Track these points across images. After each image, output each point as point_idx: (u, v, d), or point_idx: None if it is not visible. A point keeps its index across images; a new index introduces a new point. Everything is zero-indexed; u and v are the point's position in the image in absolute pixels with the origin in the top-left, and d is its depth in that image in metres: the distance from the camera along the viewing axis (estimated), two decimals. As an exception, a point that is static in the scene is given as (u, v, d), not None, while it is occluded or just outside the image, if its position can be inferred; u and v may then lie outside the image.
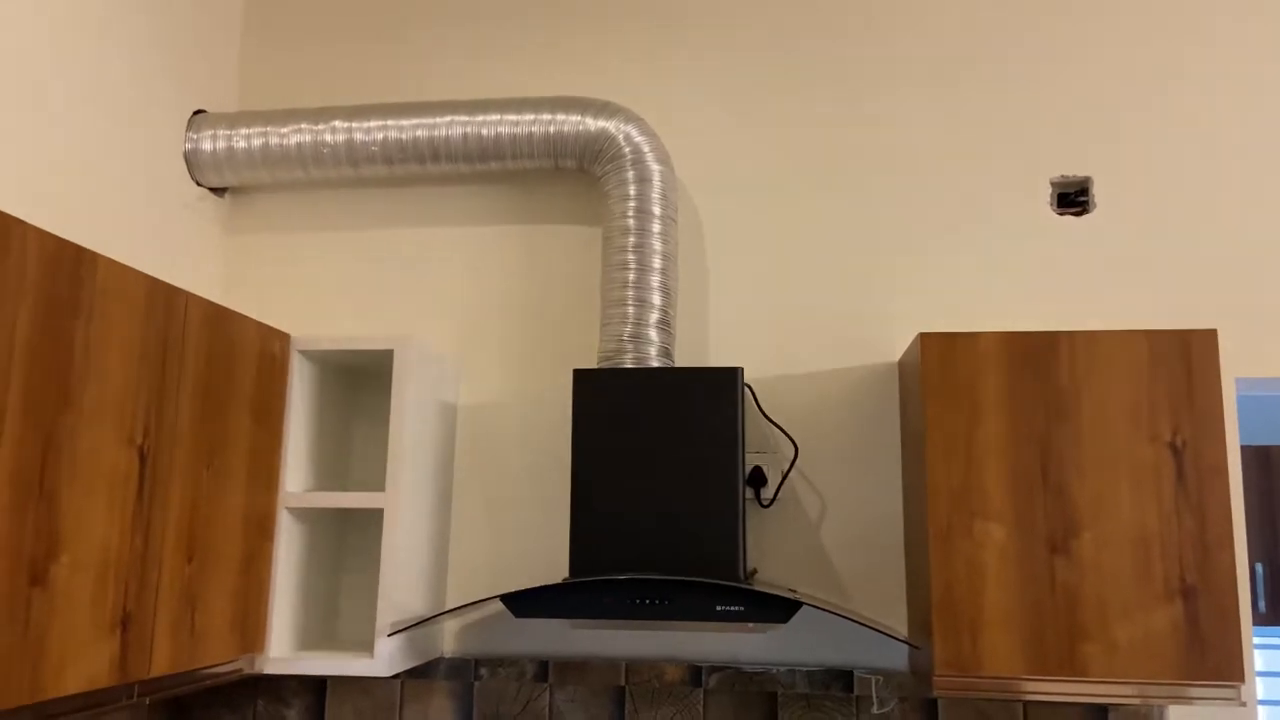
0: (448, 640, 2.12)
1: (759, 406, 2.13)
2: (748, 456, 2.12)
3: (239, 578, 1.73)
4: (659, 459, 1.84)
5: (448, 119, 2.15)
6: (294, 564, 1.92)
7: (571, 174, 2.29)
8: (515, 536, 2.15)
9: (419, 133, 2.15)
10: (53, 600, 1.25)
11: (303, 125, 2.18)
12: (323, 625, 2.06)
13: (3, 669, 1.17)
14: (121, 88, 1.96)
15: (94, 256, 1.33)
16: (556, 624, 2.11)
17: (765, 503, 2.09)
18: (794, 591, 1.97)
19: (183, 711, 2.09)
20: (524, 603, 1.73)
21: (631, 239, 2.06)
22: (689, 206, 2.25)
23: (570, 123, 2.12)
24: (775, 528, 2.09)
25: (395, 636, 1.84)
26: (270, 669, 1.82)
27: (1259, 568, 3.31)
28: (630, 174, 2.08)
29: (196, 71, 2.23)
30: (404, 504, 1.85)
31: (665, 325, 2.05)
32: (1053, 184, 2.15)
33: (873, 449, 2.09)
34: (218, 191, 2.31)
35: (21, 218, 1.67)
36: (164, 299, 1.50)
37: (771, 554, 2.09)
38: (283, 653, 1.86)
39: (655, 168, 2.09)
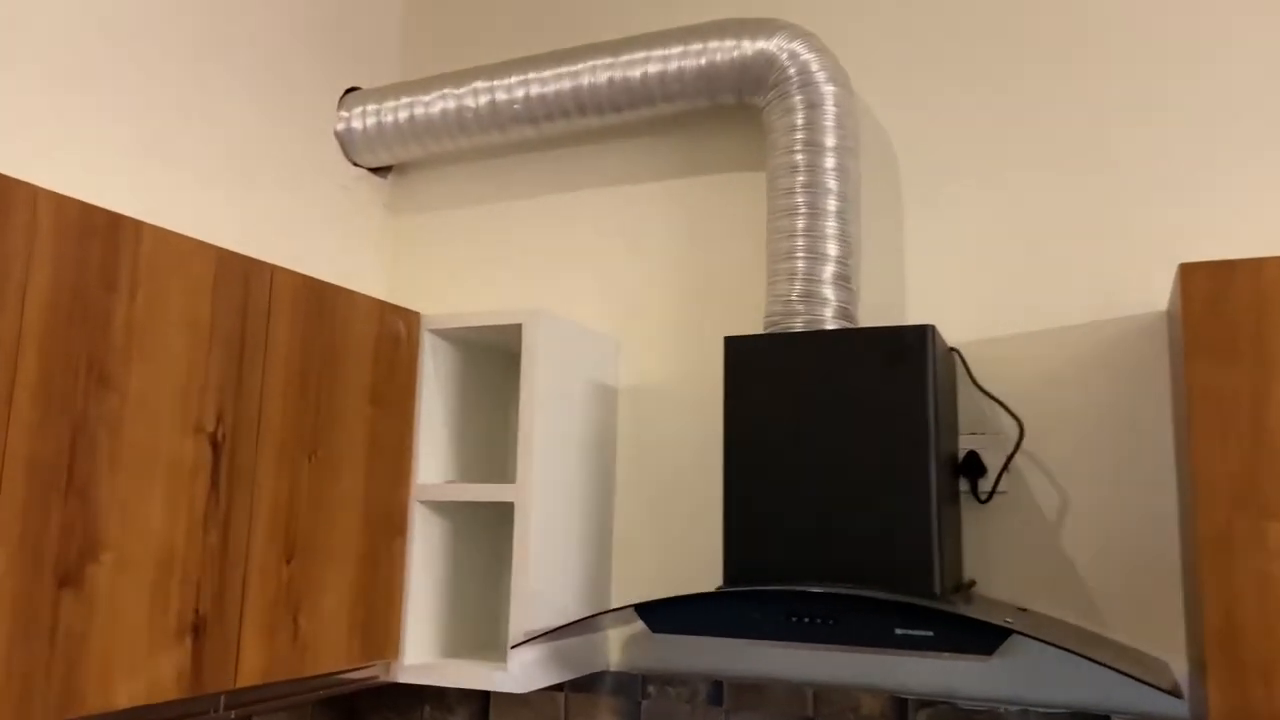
0: (613, 651, 1.87)
1: (971, 376, 1.69)
2: (961, 439, 1.69)
3: (361, 578, 1.58)
4: (829, 442, 1.49)
5: (589, 64, 1.90)
6: (434, 563, 1.75)
7: (731, 111, 1.97)
8: (685, 534, 1.86)
9: (562, 84, 1.92)
10: (91, 603, 1.14)
11: (446, 90, 2.02)
12: (481, 630, 1.89)
13: (22, 681, 1.06)
14: (275, 69, 1.90)
15: (137, 224, 1.22)
16: (734, 640, 1.80)
17: (983, 496, 1.66)
18: (1024, 611, 1.53)
19: (355, 715, 2.00)
20: (660, 616, 1.44)
21: (800, 178, 1.70)
22: (875, 134, 1.86)
23: (724, 49, 1.80)
24: (1001, 529, 1.65)
25: (538, 647, 1.62)
26: (405, 678, 1.66)
27: None
28: (797, 99, 1.73)
29: (352, 45, 2.14)
30: (538, 497, 1.62)
31: (844, 280, 1.68)
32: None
33: (1132, 427, 1.60)
34: (380, 172, 2.22)
35: (189, 233, 1.63)
36: (240, 272, 1.37)
37: (997, 562, 1.65)
38: (420, 659, 1.70)
39: (828, 89, 1.72)
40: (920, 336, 1.47)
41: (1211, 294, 1.27)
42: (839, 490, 1.47)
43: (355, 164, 2.14)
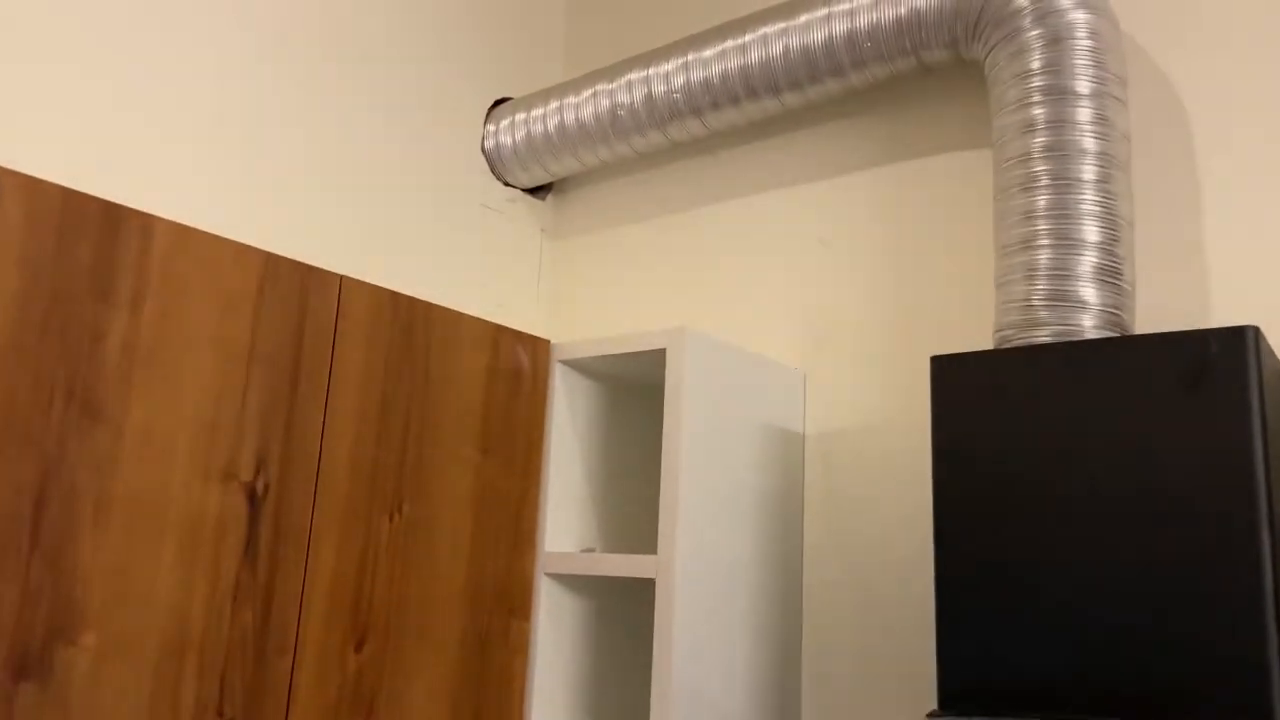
0: (804, 778, 1.43)
1: (1322, 406, 1.13)
2: (1309, 501, 1.13)
3: (465, 669, 1.26)
4: (1094, 505, 1.01)
5: (759, 33, 1.54)
6: (565, 650, 1.40)
7: (945, 71, 1.53)
8: (898, 630, 1.40)
9: (728, 63, 1.57)
10: (63, 701, 0.88)
11: (598, 87, 1.73)
12: (633, 737, 1.51)
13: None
14: (420, 78, 1.70)
15: (145, 219, 0.98)
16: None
17: (1353, 590, 1.08)
18: None
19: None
20: (840, 751, 1.01)
21: (1039, 139, 1.24)
22: (1152, 78, 1.35)
23: (929, -12, 1.38)
24: (1383, 640, 1.07)
25: (687, 773, 1.22)
26: (527, 798, 1.31)
27: None
28: (1032, 35, 1.28)
29: (511, 51, 1.91)
30: (683, 570, 1.24)
31: (1114, 275, 1.19)
32: None
33: None
34: (537, 193, 1.96)
35: (352, 274, 1.44)
36: (295, 282, 1.11)
37: (1378, 692, 1.06)
38: (545, 776, 1.34)
39: (1078, 17, 1.26)
40: (1237, 344, 0.97)
41: None
42: (1111, 580, 0.98)
43: (507, 184, 1.89)
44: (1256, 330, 0.97)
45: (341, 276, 1.16)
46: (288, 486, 1.08)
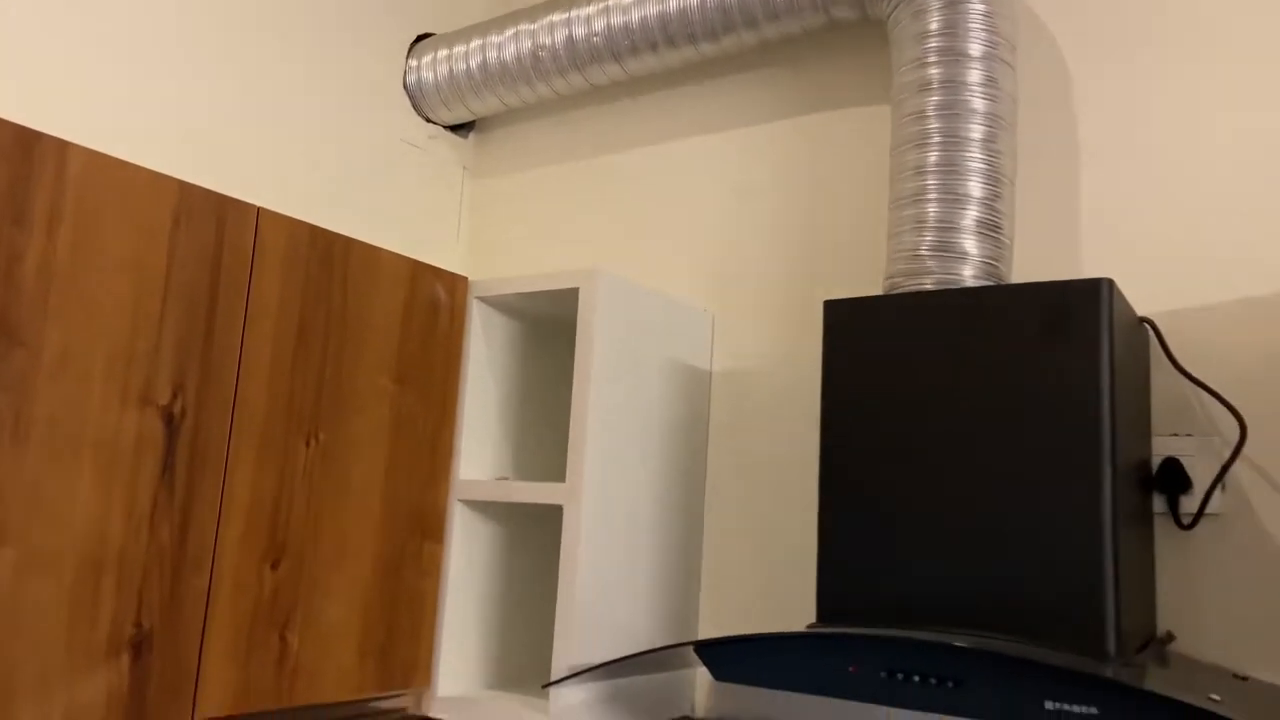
0: (700, 695, 1.53)
1: (1170, 357, 1.25)
2: (1155, 442, 1.25)
3: (379, 589, 1.32)
4: (963, 440, 1.10)
5: (678, -20, 1.58)
6: (478, 574, 1.48)
7: (851, 29, 1.60)
8: (794, 551, 1.50)
9: (647, 9, 1.61)
10: (-20, 609, 0.92)
11: (520, 27, 1.75)
12: (539, 658, 1.60)
13: None
14: (348, 15, 1.69)
15: (60, 145, 1.00)
16: (847, 686, 1.42)
17: (1186, 520, 1.21)
18: (1243, 680, 1.09)
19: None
20: (723, 660, 1.10)
21: (933, 98, 1.32)
22: (1039, 39, 1.44)
23: (839, -55, 1.44)
24: (1212, 563, 1.20)
25: (588, 685, 1.31)
26: (437, 712, 1.39)
27: None
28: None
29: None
30: (591, 499, 1.31)
31: (994, 229, 1.28)
32: None
33: None
34: (459, 130, 1.98)
35: (267, 205, 1.44)
36: (211, 211, 1.13)
37: (1205, 610, 1.20)
38: (456, 691, 1.42)
39: (971, -17, 1.33)
40: (1091, 295, 1.07)
41: None
42: (974, 506, 1.08)
43: (429, 120, 1.90)
44: (1111, 283, 1.07)
45: (259, 208, 1.18)
46: (205, 411, 1.12)
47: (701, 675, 1.53)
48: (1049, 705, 0.92)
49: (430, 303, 1.42)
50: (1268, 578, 1.17)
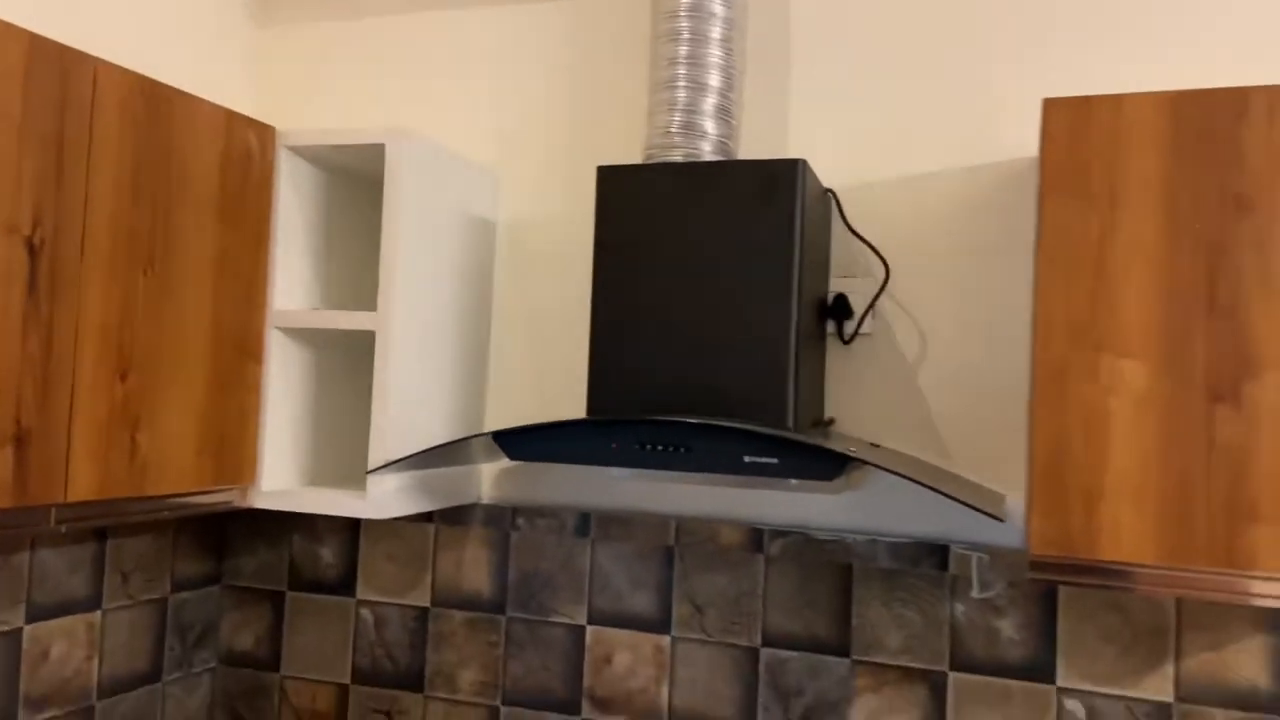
0: (485, 485, 1.88)
1: (844, 218, 1.68)
2: (832, 282, 1.69)
3: (210, 400, 1.53)
4: (697, 277, 1.47)
5: None
6: (295, 390, 1.71)
7: (622, -70, 1.86)
8: (564, 370, 1.85)
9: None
10: None
11: (311, -112, 1.85)
12: (348, 462, 1.87)
13: None
14: None
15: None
16: (601, 474, 1.82)
17: (848, 339, 1.67)
18: (876, 446, 1.57)
19: (224, 544, 1.99)
20: (517, 443, 1.44)
21: (684, 2, 1.62)
22: (769, -36, 1.77)
23: None
24: (863, 370, 1.67)
25: (403, 476, 1.61)
26: (262, 503, 1.64)
27: None
28: (683, -83, 1.63)
29: None
30: (401, 326, 1.58)
31: (725, 114, 1.63)
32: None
33: (997, 272, 1.61)
34: (243, -19, 2.05)
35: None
36: (56, 63, 1.25)
37: (856, 402, 1.68)
38: (278, 486, 1.67)
39: (716, -93, 1.63)
40: (790, 171, 1.44)
41: (1070, 130, 1.26)
42: (704, 325, 1.46)
43: (214, -32, 1.96)
44: (804, 162, 1.45)
45: (96, 61, 1.30)
46: (60, 242, 1.27)
47: (486, 469, 1.87)
48: (747, 459, 1.33)
49: (244, 149, 1.58)
50: (900, 379, 1.65)
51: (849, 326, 1.67)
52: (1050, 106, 1.27)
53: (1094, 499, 1.23)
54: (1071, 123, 1.26)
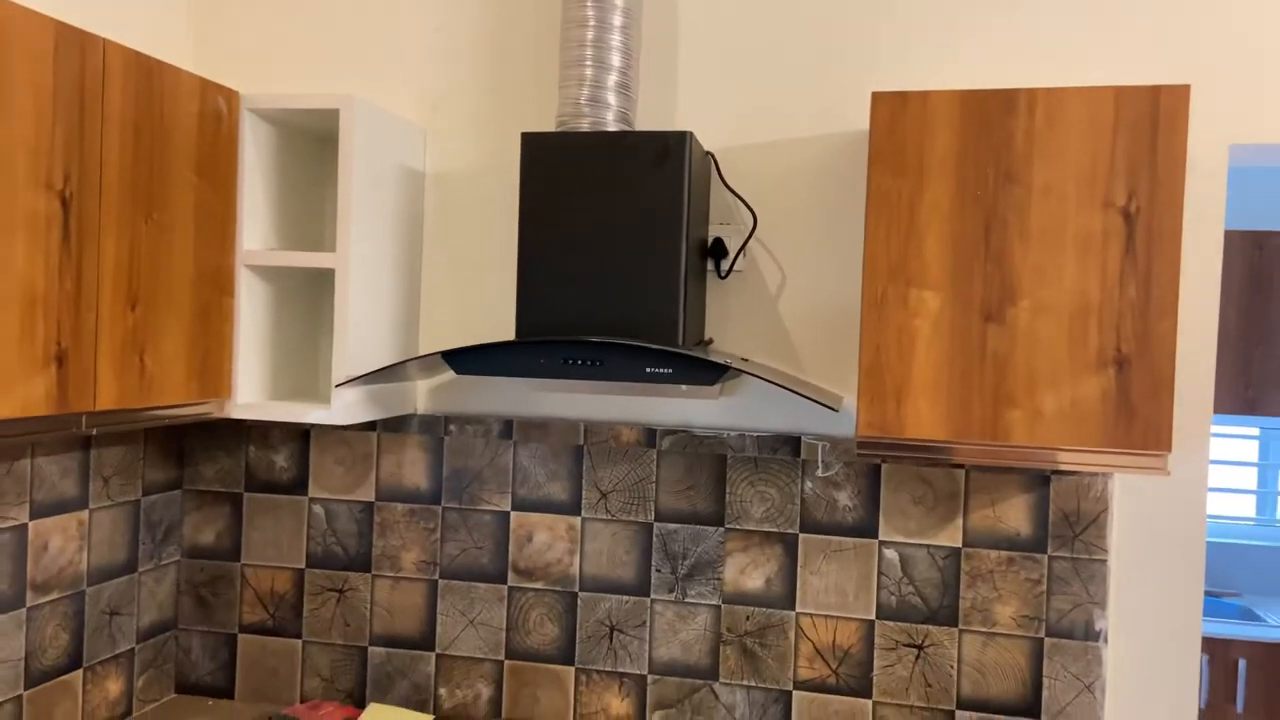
0: (420, 398, 2.21)
1: (721, 176, 2.07)
2: (711, 228, 2.08)
3: (195, 328, 1.81)
4: (604, 224, 1.83)
5: None
6: (260, 320, 2.00)
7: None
8: (482, 299, 2.18)
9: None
10: None
11: None
12: (303, 381, 2.17)
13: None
14: None
15: (-17, -6, 1.33)
16: (521, 386, 2.18)
17: (723, 274, 2.07)
18: (745, 360, 1.98)
19: (185, 452, 2.26)
20: (465, 360, 1.78)
21: (590, -8, 1.95)
22: (660, -41, 2.11)
23: None
24: (735, 300, 2.08)
25: (358, 390, 1.93)
26: (237, 414, 1.93)
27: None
28: (590, -81, 1.95)
29: None
30: (356, 265, 1.88)
31: (625, 89, 1.98)
32: (1058, -71, 1.95)
33: (839, 222, 2.03)
34: (182, -54, 2.25)
35: None
36: (75, 43, 1.49)
37: (730, 326, 2.09)
38: (249, 400, 1.97)
39: (617, -88, 1.95)
40: (680, 141, 1.81)
41: (890, 117, 1.67)
42: (611, 265, 1.83)
43: (159, -65, 2.16)
44: (691, 134, 1.82)
45: (105, 40, 1.55)
46: (84, 195, 1.52)
47: (422, 385, 2.21)
48: (648, 369, 1.72)
49: (215, 111, 1.84)
50: (764, 307, 2.07)
51: (725, 265, 2.07)
52: (877, 98, 1.68)
53: (903, 394, 1.67)
54: (892, 111, 1.67)
